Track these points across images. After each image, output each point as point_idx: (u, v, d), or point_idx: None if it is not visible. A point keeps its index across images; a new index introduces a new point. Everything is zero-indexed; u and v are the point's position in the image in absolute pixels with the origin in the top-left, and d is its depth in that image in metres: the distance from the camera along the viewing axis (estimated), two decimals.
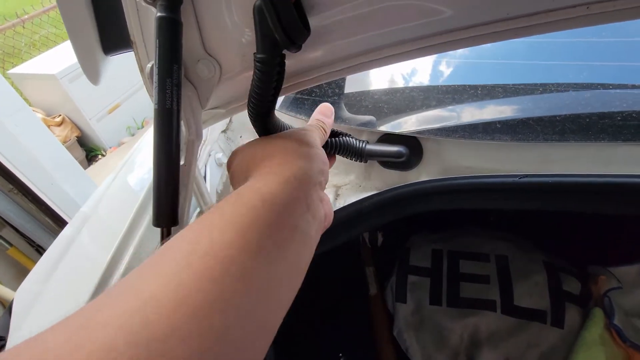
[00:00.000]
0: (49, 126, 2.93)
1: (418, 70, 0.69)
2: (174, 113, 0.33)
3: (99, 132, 3.13)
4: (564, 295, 0.81)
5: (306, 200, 0.29)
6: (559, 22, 0.34)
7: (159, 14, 0.32)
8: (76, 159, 3.05)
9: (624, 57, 0.48)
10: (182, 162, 0.41)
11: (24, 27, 3.69)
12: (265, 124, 0.38)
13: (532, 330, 0.79)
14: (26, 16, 3.67)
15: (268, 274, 0.23)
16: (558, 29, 0.35)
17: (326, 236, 0.37)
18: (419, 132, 0.47)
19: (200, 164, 0.60)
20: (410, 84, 0.61)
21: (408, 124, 0.49)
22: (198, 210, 0.54)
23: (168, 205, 0.34)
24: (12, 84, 3.00)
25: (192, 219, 0.53)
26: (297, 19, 0.31)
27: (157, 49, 0.32)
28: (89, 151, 3.24)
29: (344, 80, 0.78)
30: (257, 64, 0.32)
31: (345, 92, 0.75)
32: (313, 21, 0.35)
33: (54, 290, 0.51)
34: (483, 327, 0.81)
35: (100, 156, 3.26)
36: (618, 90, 0.41)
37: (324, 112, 0.45)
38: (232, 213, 0.24)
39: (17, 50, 3.66)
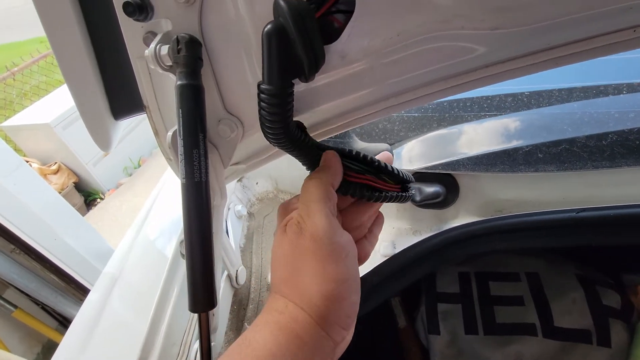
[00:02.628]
0: (45, 175, 2.90)
1: None
2: (203, 185, 0.30)
3: (96, 175, 3.10)
4: (605, 310, 0.77)
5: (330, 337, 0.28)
6: (601, 48, 0.32)
7: (179, 82, 0.30)
8: (75, 205, 3.01)
9: None
10: None
11: (14, 79, 3.71)
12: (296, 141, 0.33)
13: (579, 352, 0.75)
14: (16, 68, 3.70)
15: None
16: (599, 56, 0.33)
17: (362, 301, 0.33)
18: (453, 169, 0.45)
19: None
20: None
21: (440, 157, 0.46)
22: (226, 273, 0.51)
23: (205, 289, 0.30)
24: (6, 137, 2.99)
25: (222, 285, 0.49)
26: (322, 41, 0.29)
27: (181, 118, 0.30)
28: (87, 196, 3.21)
29: None
30: (271, 97, 0.29)
31: None
32: (344, 71, 0.33)
33: None
34: (526, 354, 0.76)
35: (98, 200, 3.22)
36: None
37: (329, 166, 0.34)
38: None
39: (9, 102, 3.67)
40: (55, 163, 2.99)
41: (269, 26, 0.27)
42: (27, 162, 2.87)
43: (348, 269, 0.30)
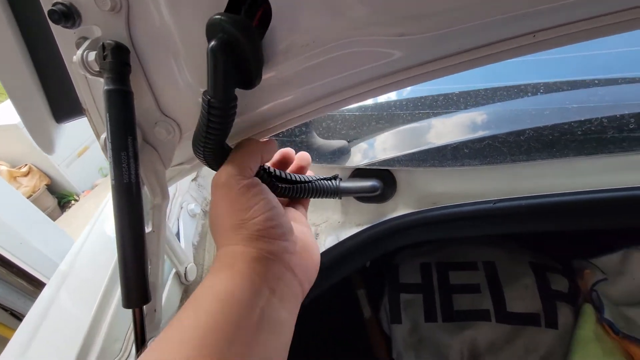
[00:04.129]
0: (15, 177, 2.82)
1: None
2: (133, 186, 0.32)
3: (70, 177, 3.03)
4: (553, 295, 0.82)
5: (267, 284, 0.28)
6: (508, 51, 0.35)
7: (106, 87, 0.31)
8: (48, 208, 2.93)
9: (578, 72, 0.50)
10: (150, 229, 0.39)
11: None
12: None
13: (528, 334, 0.79)
14: None
15: None
16: (507, 58, 0.35)
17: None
18: (390, 165, 0.47)
19: (172, 218, 0.58)
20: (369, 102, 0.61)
21: (377, 154, 0.49)
22: (174, 271, 0.52)
23: (138, 285, 0.32)
24: None
25: (169, 282, 0.51)
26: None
27: (108, 122, 0.31)
28: (60, 198, 3.13)
29: None
30: (217, 109, 0.30)
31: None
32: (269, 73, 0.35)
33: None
34: (480, 338, 0.80)
35: (73, 202, 3.15)
36: (574, 105, 0.42)
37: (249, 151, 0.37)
38: (190, 325, 0.24)
39: None
40: (26, 165, 2.90)
41: (214, 42, 0.28)
42: None
43: (257, 195, 0.31)
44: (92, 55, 0.31)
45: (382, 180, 0.50)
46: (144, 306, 0.35)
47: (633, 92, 0.43)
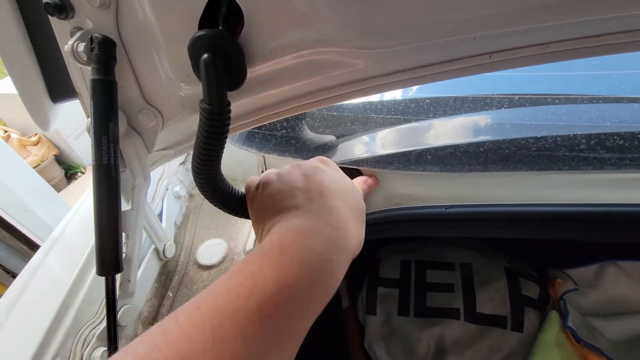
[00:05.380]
0: (25, 146, 2.89)
1: None
2: (112, 168, 0.35)
3: (78, 149, 3.09)
4: (523, 300, 0.85)
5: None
6: (466, 68, 0.38)
7: (91, 77, 0.34)
8: (55, 178, 3.01)
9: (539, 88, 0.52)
10: (129, 207, 0.43)
11: None
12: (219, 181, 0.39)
13: (494, 335, 0.82)
14: None
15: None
16: (464, 75, 0.38)
17: None
18: (359, 165, 0.50)
19: (157, 198, 0.62)
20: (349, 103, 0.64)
21: (353, 154, 0.51)
22: (153, 247, 0.56)
23: (111, 256, 0.35)
24: None
25: (148, 256, 0.55)
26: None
27: (92, 109, 0.34)
28: (68, 169, 3.20)
29: None
30: (216, 115, 0.32)
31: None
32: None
33: (17, 318, 0.51)
34: (448, 335, 0.84)
35: (79, 174, 3.22)
36: (534, 122, 0.44)
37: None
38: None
39: None
40: (36, 134, 2.96)
41: (205, 56, 0.30)
42: (7, 132, 2.85)
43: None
44: (81, 46, 0.35)
45: (352, 177, 0.53)
46: (118, 275, 0.39)
47: (589, 112, 0.45)
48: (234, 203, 0.41)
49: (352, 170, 0.52)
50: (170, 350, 0.20)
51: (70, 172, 3.21)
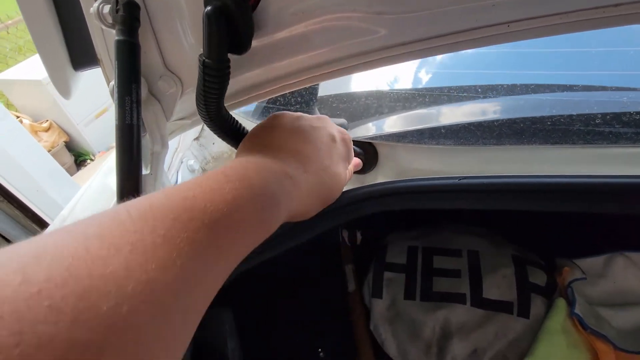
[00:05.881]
0: (36, 132, 2.93)
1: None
2: (134, 128, 0.36)
3: (87, 136, 3.13)
4: (530, 287, 0.85)
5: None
6: (484, 38, 0.38)
7: (117, 38, 0.35)
8: (65, 164, 3.05)
9: (556, 66, 0.52)
10: (148, 172, 0.44)
11: (8, 33, 3.67)
12: (225, 120, 0.40)
13: (500, 321, 0.83)
14: (10, 21, 3.65)
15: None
16: (484, 45, 0.38)
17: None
18: (373, 138, 0.51)
19: (172, 170, 0.63)
20: (365, 89, 0.65)
21: (364, 130, 0.52)
22: None
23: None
24: None
25: None
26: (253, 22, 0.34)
27: (116, 70, 0.35)
28: (77, 156, 3.24)
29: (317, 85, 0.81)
30: (211, 69, 0.33)
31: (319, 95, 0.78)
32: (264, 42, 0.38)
33: None
34: (453, 319, 0.84)
35: (89, 161, 3.26)
36: (549, 97, 0.44)
37: None
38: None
39: (2, 55, 3.64)
40: (47, 121, 3.00)
41: (209, 8, 0.32)
42: (18, 117, 2.89)
43: None
44: (107, 8, 0.36)
45: (365, 151, 0.53)
46: None
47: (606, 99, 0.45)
48: (234, 133, 0.42)
49: (364, 144, 0.52)
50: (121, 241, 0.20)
51: (80, 159, 3.25)
